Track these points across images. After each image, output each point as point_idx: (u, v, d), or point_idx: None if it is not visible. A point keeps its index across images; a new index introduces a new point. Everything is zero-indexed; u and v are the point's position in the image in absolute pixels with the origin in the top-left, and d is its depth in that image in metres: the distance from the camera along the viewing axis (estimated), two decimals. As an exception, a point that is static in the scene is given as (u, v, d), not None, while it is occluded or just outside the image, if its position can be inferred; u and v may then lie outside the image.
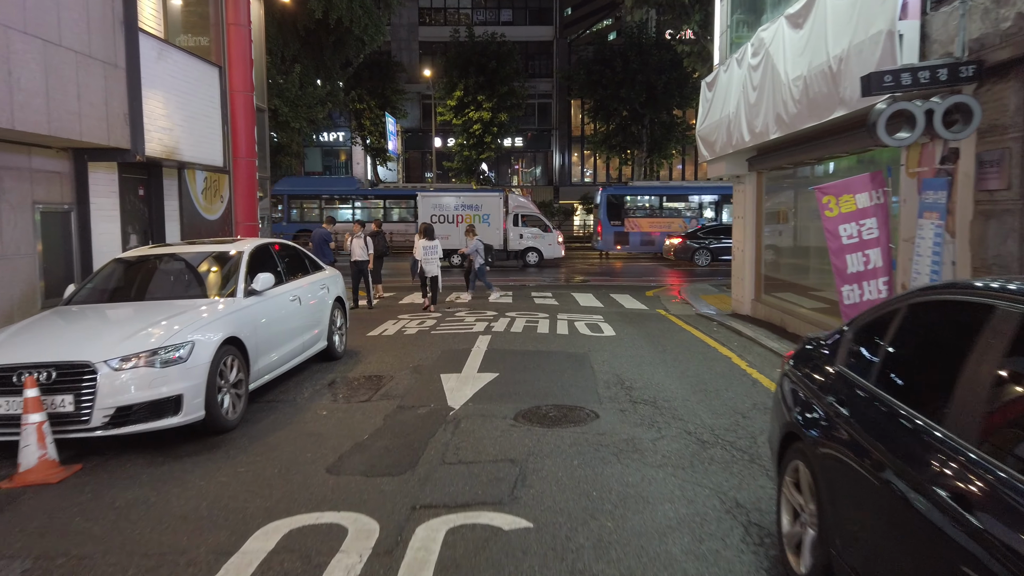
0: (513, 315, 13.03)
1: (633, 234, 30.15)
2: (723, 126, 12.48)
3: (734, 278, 14.24)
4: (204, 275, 7.11)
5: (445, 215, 26.88)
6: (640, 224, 30.51)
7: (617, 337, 10.73)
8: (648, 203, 31.44)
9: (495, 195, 27.48)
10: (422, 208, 26.90)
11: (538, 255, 27.20)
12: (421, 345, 9.96)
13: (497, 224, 26.86)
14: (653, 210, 31.23)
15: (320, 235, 13.84)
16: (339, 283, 9.15)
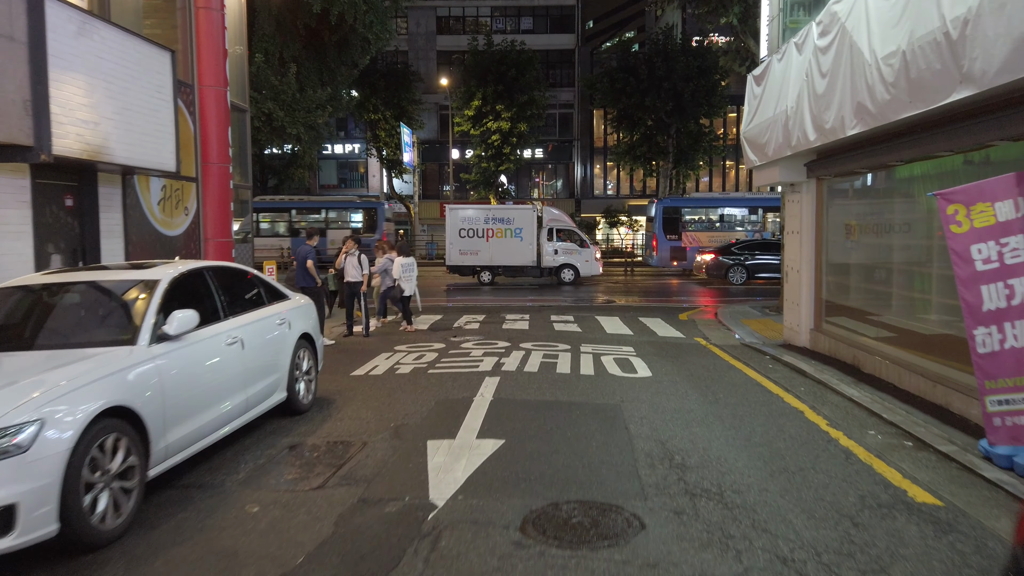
0: (529, 347, 11.12)
1: (692, 249, 28.27)
2: (777, 124, 10.53)
3: (786, 302, 12.22)
4: (103, 313, 5.27)
5: (474, 229, 25.13)
6: (699, 238, 28.62)
7: (654, 379, 8.76)
8: (708, 216, 29.59)
9: (528, 208, 25.72)
10: (450, 222, 25.20)
11: (574, 272, 25.35)
12: (413, 390, 8.07)
13: (530, 239, 25.04)
14: (712, 223, 29.37)
15: (303, 253, 12.03)
16: (306, 315, 7.31)
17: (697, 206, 30.02)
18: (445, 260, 25.80)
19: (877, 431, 6.55)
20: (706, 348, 11.69)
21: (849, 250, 10.20)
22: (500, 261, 25.24)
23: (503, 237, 25.08)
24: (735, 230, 29.05)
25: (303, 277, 11.96)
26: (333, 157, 50.45)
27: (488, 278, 25.51)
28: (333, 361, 10.10)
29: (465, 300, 20.15)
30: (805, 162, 10.94)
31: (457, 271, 25.76)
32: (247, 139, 12.22)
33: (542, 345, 11.29)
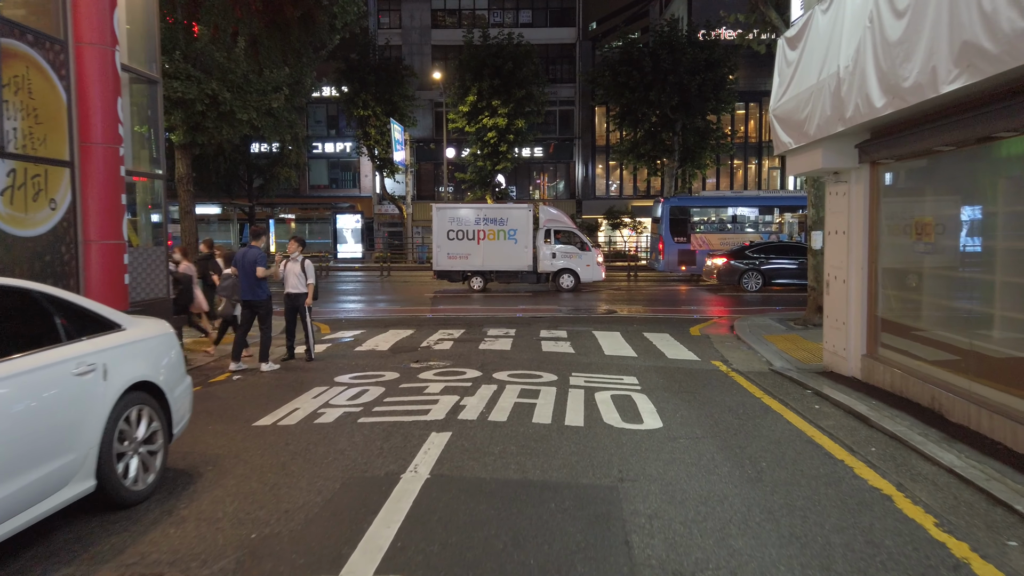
0: (504, 377, 8.74)
1: (701, 253, 25.83)
2: (823, 93, 8.15)
3: (827, 319, 9.83)
4: None
5: (464, 230, 22.80)
6: (709, 241, 26.20)
7: (667, 433, 6.36)
8: (718, 216, 27.17)
9: (523, 208, 23.34)
10: (437, 222, 22.88)
11: (574, 278, 22.98)
12: (322, 456, 5.67)
13: (526, 241, 22.69)
14: (723, 224, 26.94)
15: (252, 257, 9.69)
16: (147, 355, 4.92)
17: (707, 206, 27.64)
18: (432, 265, 23.48)
19: (1021, 541, 4.16)
20: (728, 377, 9.31)
21: (920, 255, 7.79)
22: (492, 266, 22.89)
23: (496, 239, 22.74)
24: (748, 232, 26.66)
25: (250, 288, 9.64)
26: (324, 156, 48.20)
27: (479, 284, 23.16)
28: (242, 400, 7.74)
29: (448, 310, 17.79)
30: (857, 143, 8.56)
31: (446, 276, 23.42)
32: (158, 117, 9.88)
33: (521, 376, 8.91)
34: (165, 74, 13.89)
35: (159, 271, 9.81)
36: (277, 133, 16.11)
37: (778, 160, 46.44)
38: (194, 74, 13.99)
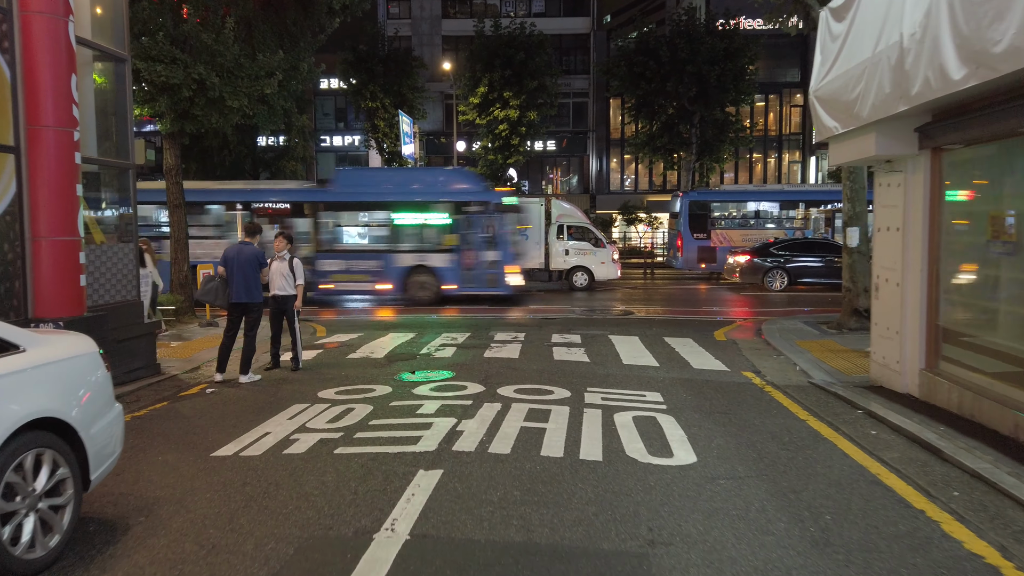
0: (510, 393, 7.69)
1: (722, 249, 24.65)
2: (880, 68, 7.03)
3: (877, 327, 8.70)
4: None
5: None
6: (731, 237, 25.00)
7: (703, 471, 5.28)
8: (740, 211, 25.96)
9: (534, 202, 22.24)
10: None
11: (588, 276, 21.89)
12: (280, 504, 4.63)
13: (537, 237, 21.61)
14: (746, 220, 25.73)
15: (248, 255, 8.70)
16: (52, 382, 3.90)
17: (728, 200, 26.42)
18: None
19: None
20: (764, 392, 8.22)
21: (996, 255, 6.66)
22: None
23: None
24: (770, 228, 25.44)
25: (246, 289, 8.65)
26: (332, 150, 47.34)
27: None
28: (208, 421, 6.73)
29: (453, 311, 16.75)
30: (917, 126, 7.43)
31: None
32: (127, 100, 8.89)
33: (530, 391, 7.85)
34: (149, 57, 12.91)
35: (127, 271, 8.82)
36: (271, 122, 15.11)
37: (798, 153, 45.11)
38: (180, 57, 13.00)
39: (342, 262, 18.03)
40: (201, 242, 18.18)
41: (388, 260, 17.94)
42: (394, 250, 18.07)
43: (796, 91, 44.87)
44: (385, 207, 18.19)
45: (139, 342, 8.87)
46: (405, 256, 17.94)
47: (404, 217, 18.29)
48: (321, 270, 17.89)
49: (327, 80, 44.31)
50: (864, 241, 13.48)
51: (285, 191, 19.44)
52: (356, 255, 18.18)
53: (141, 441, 6.09)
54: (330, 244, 18.31)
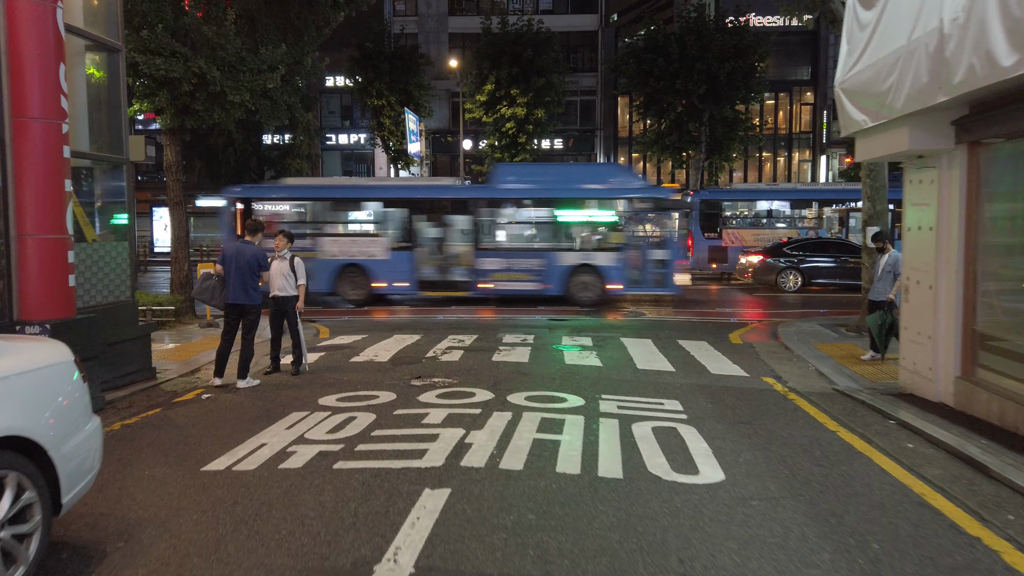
0: (521, 400, 7.28)
1: (733, 249, 24.20)
2: (916, 57, 6.60)
3: (907, 331, 8.27)
4: None
5: None
6: (742, 237, 24.55)
7: (732, 492, 4.87)
8: (752, 210, 25.49)
9: None
10: None
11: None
12: (273, 528, 4.23)
13: None
14: (758, 219, 25.27)
15: (250, 255, 8.33)
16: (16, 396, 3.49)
17: (740, 199, 25.95)
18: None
19: None
20: (787, 400, 7.80)
21: (1043, 257, 6.23)
22: None
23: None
24: (780, 227, 24.97)
25: (244, 290, 8.28)
26: (337, 148, 46.99)
27: None
28: (201, 430, 6.35)
29: (462, 311, 16.36)
30: (954, 119, 7.00)
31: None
32: (121, 92, 8.50)
33: (541, 399, 7.45)
34: (148, 50, 12.55)
35: (121, 270, 8.44)
36: (275, 117, 14.71)
37: (809, 152, 44.58)
38: (180, 51, 12.63)
39: (502, 261, 17.38)
40: (357, 239, 17.82)
41: (550, 259, 17.25)
42: (557, 248, 17.38)
43: (806, 89, 44.38)
44: (549, 204, 17.52)
45: (133, 345, 8.49)
46: (568, 255, 17.28)
47: (568, 214, 17.58)
48: (480, 269, 17.30)
49: (333, 78, 44.00)
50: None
51: (442, 188, 18.94)
52: (517, 254, 17.52)
53: (128, 453, 5.71)
54: (490, 242, 17.70)
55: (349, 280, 17.43)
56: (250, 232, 8.77)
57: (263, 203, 18.29)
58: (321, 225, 18.15)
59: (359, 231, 18.28)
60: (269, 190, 19.63)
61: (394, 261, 17.34)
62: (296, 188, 19.49)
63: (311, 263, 17.36)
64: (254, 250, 8.45)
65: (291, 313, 9.10)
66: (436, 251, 17.87)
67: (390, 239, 17.65)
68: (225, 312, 8.51)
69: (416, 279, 17.45)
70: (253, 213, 17.85)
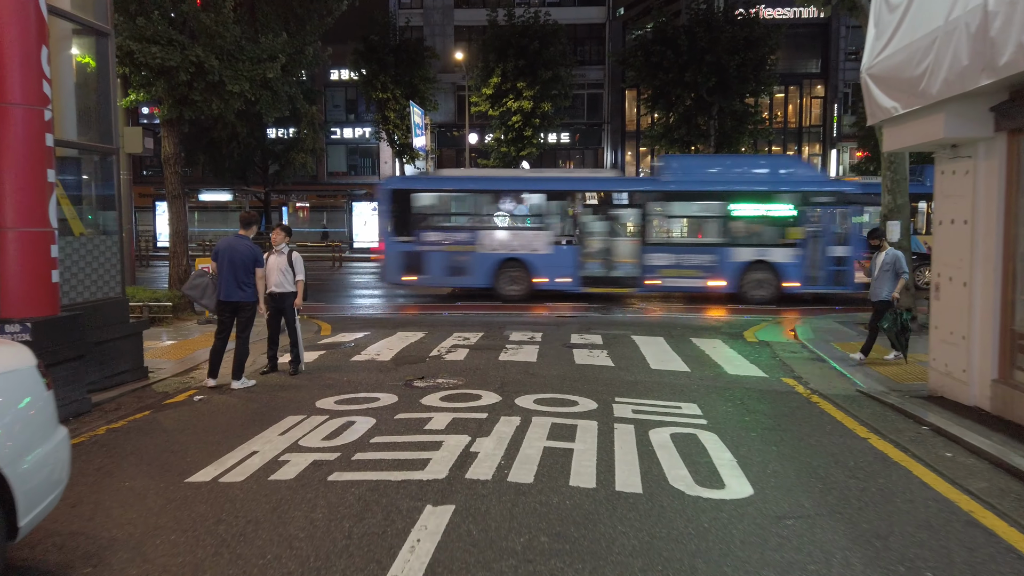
0: (529, 404, 6.87)
1: None
2: (953, 38, 6.16)
3: (938, 331, 7.82)
4: None
5: None
6: None
7: (763, 508, 4.45)
8: None
9: None
10: None
11: None
12: (258, 551, 3.79)
13: None
14: None
15: (244, 252, 7.92)
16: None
17: None
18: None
19: None
20: (811, 403, 7.38)
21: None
22: None
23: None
24: None
25: (237, 286, 7.88)
26: (342, 142, 46.57)
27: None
28: (190, 436, 5.96)
29: (465, 308, 15.96)
30: (993, 104, 6.55)
31: (465, 270, 21.53)
32: (110, 78, 8.10)
33: (551, 402, 7.03)
34: (144, 38, 12.15)
35: (111, 265, 8.05)
36: (276, 108, 14.31)
37: (819, 146, 43.99)
38: (177, 38, 12.24)
39: (672, 256, 16.65)
40: (518, 233, 17.24)
41: (723, 255, 16.49)
42: (730, 244, 16.58)
43: (816, 82, 43.79)
44: (723, 197, 16.72)
45: (124, 343, 8.11)
46: (742, 251, 16.50)
47: (744, 208, 16.74)
48: (649, 265, 16.64)
49: (337, 71, 43.59)
50: (906, 235, 12.58)
51: (610, 180, 18.30)
52: (687, 249, 16.86)
53: (110, 461, 5.32)
54: (659, 237, 17.02)
55: (508, 275, 16.91)
56: (244, 226, 8.34)
57: (420, 194, 17.73)
58: (480, 218, 17.59)
59: (520, 224, 17.55)
60: (426, 181, 19.07)
61: (557, 256, 16.73)
62: (455, 179, 18.98)
63: (468, 256, 16.98)
64: (248, 246, 8.03)
65: (289, 310, 8.70)
66: (601, 246, 17.22)
67: (553, 233, 16.99)
68: (218, 310, 8.11)
69: (579, 275, 16.83)
70: (410, 205, 17.32)
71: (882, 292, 9.31)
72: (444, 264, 17.04)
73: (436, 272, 17.08)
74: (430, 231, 17.18)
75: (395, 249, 17.18)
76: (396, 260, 17.19)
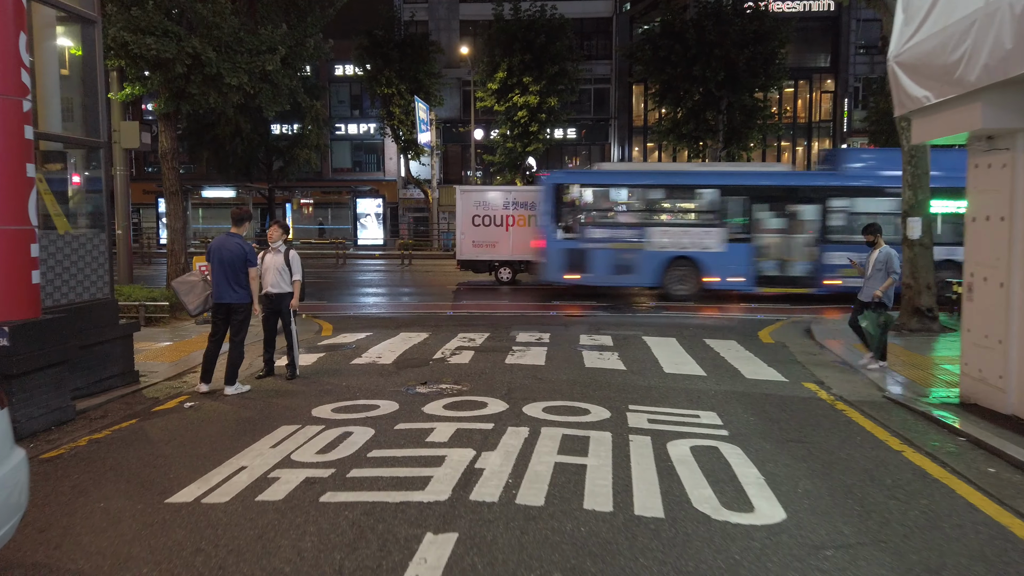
0: (538, 413, 6.47)
1: None
2: (994, 21, 5.72)
3: (970, 334, 7.38)
4: None
5: (491, 216, 20.55)
6: None
7: (798, 536, 4.03)
8: None
9: None
10: (461, 207, 20.70)
11: None
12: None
13: None
14: None
15: (235, 250, 7.53)
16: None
17: None
18: (455, 254, 21.28)
19: None
20: (836, 410, 6.96)
21: None
22: (523, 255, 20.61)
23: (526, 226, 20.46)
24: None
25: (229, 286, 7.50)
26: (347, 138, 46.15)
27: (508, 276, 20.90)
28: (176, 448, 5.57)
29: (471, 306, 15.58)
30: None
31: (470, 267, 21.18)
32: (97, 68, 7.70)
33: (561, 410, 6.63)
34: (138, 29, 11.76)
35: (98, 264, 7.67)
36: (276, 102, 13.91)
37: (828, 141, 43.41)
38: (172, 29, 11.85)
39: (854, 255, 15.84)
40: (689, 230, 16.60)
41: None
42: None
43: (826, 76, 43.22)
44: None
45: (112, 346, 7.73)
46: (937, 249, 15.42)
47: (938, 204, 14.90)
48: (827, 263, 16.01)
49: (341, 66, 43.21)
50: (927, 232, 12.14)
51: (788, 175, 17.46)
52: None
53: (86, 478, 4.93)
54: (839, 235, 16.16)
55: (677, 273, 16.42)
56: (235, 223, 7.91)
57: (584, 188, 17.17)
58: (648, 214, 16.99)
59: (692, 220, 16.89)
60: (592, 175, 18.44)
61: (730, 254, 16.15)
62: (622, 174, 18.42)
63: (635, 254, 16.33)
64: (238, 243, 7.61)
65: (285, 312, 8.31)
66: (777, 243, 16.58)
67: (727, 230, 16.37)
68: (212, 312, 7.73)
69: (754, 274, 16.32)
70: (573, 199, 16.81)
71: (873, 292, 8.88)
72: (609, 262, 16.47)
73: (600, 271, 16.52)
74: (595, 227, 16.65)
75: (557, 246, 16.63)
76: (558, 258, 16.62)
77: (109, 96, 13.26)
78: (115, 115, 13.30)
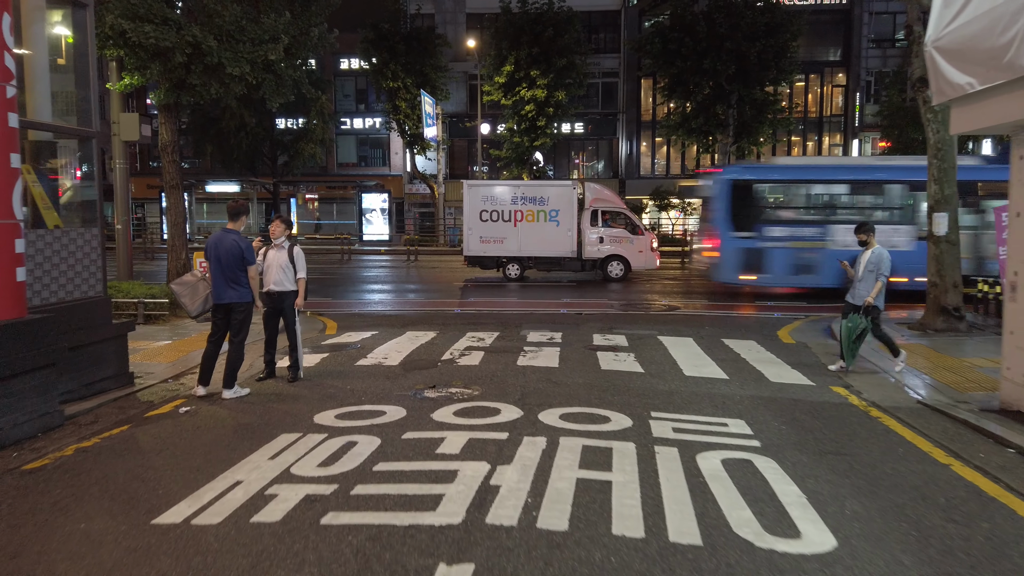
0: (555, 422, 6.05)
1: None
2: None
3: (1013, 336, 6.93)
4: None
5: (499, 211, 20.13)
6: None
7: (853, 568, 3.62)
8: None
9: (566, 185, 20.51)
10: (469, 202, 20.32)
11: (624, 266, 20.17)
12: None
13: (569, 224, 19.93)
14: None
15: (232, 247, 7.11)
16: None
17: None
18: (463, 249, 20.89)
19: None
20: (872, 419, 6.53)
21: None
22: (531, 251, 20.22)
23: (535, 221, 20.06)
24: None
25: (228, 285, 7.11)
26: (352, 132, 45.74)
27: (516, 272, 20.51)
28: (168, 458, 5.18)
29: (478, 304, 15.17)
30: (1094, 77, 5.66)
31: (478, 263, 20.80)
32: (89, 55, 7.30)
33: (580, 418, 6.21)
34: (136, 16, 11.37)
35: (90, 261, 7.29)
36: (279, 93, 13.50)
37: (840, 136, 42.83)
38: (172, 17, 11.46)
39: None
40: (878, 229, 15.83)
41: None
42: None
43: (838, 70, 42.64)
44: None
45: (105, 347, 7.35)
46: None
47: None
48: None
49: (347, 60, 42.80)
50: (954, 228, 11.68)
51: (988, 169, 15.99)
52: None
53: (69, 494, 4.55)
54: None
55: None
56: (231, 217, 7.46)
57: (762, 185, 16.46)
58: (829, 211, 16.21)
59: (879, 218, 15.90)
60: (768, 170, 17.57)
61: (919, 253, 14.81)
62: (802, 168, 17.49)
63: (816, 254, 15.36)
64: (233, 240, 7.17)
65: (288, 311, 7.92)
66: (969, 241, 15.51)
67: (916, 227, 15.46)
68: (212, 312, 7.33)
69: None
70: (750, 197, 16.08)
71: (866, 295, 8.37)
72: (788, 262, 15.68)
73: (779, 271, 15.73)
74: (772, 226, 15.89)
75: (733, 246, 15.81)
76: (733, 258, 15.82)
77: (108, 86, 12.90)
78: (115, 107, 12.93)
